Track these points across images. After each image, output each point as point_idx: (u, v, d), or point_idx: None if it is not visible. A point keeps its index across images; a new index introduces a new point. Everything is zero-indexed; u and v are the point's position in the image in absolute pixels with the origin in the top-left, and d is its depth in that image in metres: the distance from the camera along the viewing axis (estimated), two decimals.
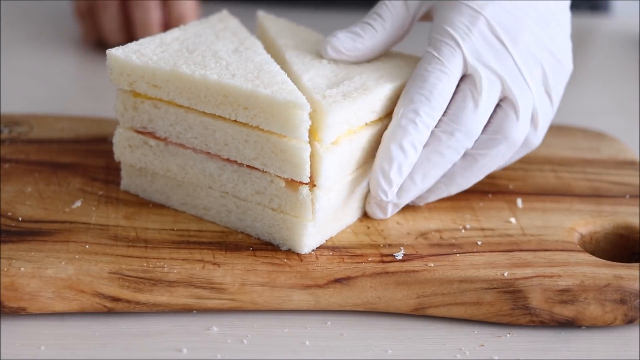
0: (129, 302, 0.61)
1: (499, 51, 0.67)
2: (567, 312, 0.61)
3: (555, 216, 0.70)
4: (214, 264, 0.62)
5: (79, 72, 1.05)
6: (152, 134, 0.68)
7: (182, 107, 0.65)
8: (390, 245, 0.65)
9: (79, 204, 0.69)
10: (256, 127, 0.62)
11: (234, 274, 0.61)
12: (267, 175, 0.63)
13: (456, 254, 0.64)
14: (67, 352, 0.58)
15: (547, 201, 0.73)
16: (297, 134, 0.61)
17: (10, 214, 0.66)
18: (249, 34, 0.71)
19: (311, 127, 0.61)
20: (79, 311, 0.61)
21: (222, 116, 0.63)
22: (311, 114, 0.61)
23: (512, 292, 0.61)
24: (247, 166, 0.64)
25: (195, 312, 0.62)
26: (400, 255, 0.64)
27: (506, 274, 0.62)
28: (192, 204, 0.68)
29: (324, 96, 0.63)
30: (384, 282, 0.62)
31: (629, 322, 0.62)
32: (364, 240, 0.66)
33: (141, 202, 0.70)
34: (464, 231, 0.67)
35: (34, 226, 0.65)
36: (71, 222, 0.66)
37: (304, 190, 0.62)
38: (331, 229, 0.66)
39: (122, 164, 0.70)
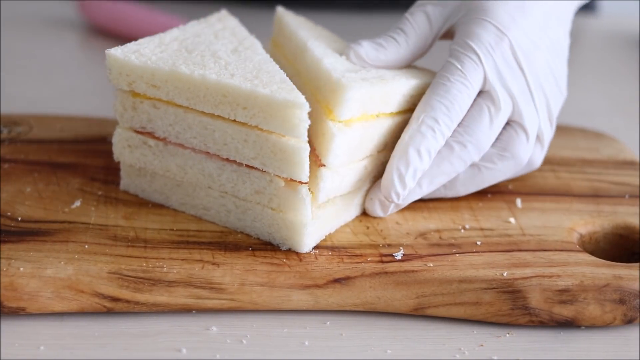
0: (128, 302, 0.61)
1: (515, 73, 0.69)
2: (566, 312, 0.61)
3: (554, 216, 0.70)
4: (213, 264, 0.62)
5: (79, 72, 1.05)
6: (151, 134, 0.68)
7: (181, 107, 0.65)
8: (389, 245, 0.65)
9: (78, 204, 0.69)
10: (255, 127, 0.62)
11: (233, 274, 0.61)
12: (267, 174, 0.63)
13: (455, 254, 0.64)
14: (66, 352, 0.58)
15: (546, 201, 0.73)
16: (296, 133, 0.61)
17: (9, 213, 0.66)
18: (248, 34, 0.72)
19: (326, 105, 0.63)
20: (78, 311, 0.61)
21: (221, 116, 0.63)
22: (328, 92, 0.63)
23: (512, 292, 0.61)
24: (246, 166, 0.64)
25: (194, 312, 0.62)
26: (399, 255, 0.64)
27: (505, 274, 0.62)
28: (192, 203, 0.68)
29: (343, 76, 0.64)
30: (383, 282, 0.62)
31: (629, 322, 0.62)
32: (364, 240, 0.66)
33: (140, 202, 0.70)
34: (463, 231, 0.67)
35: (34, 226, 0.65)
36: (70, 222, 0.66)
37: (303, 189, 0.62)
38: (331, 225, 0.66)
39: (122, 164, 0.70)
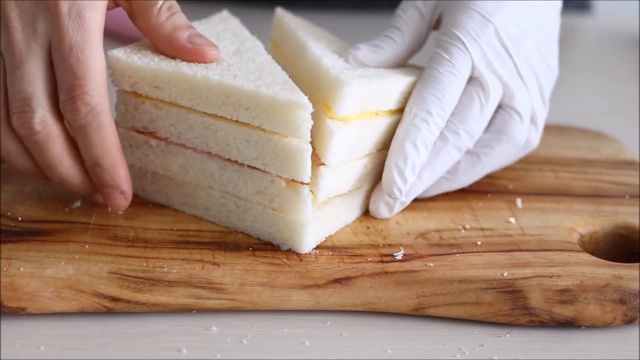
0: (128, 302, 0.61)
1: (503, 58, 0.69)
2: (566, 312, 0.61)
3: (554, 216, 0.70)
4: (214, 264, 0.62)
5: None
6: (152, 134, 0.67)
7: (183, 107, 0.65)
8: (389, 245, 0.65)
9: (78, 204, 0.69)
10: (258, 127, 0.62)
11: (233, 274, 0.61)
12: (268, 175, 0.63)
13: (456, 254, 0.64)
14: (66, 352, 0.58)
15: (546, 201, 0.73)
16: (298, 134, 0.61)
17: (9, 213, 0.66)
18: (250, 35, 0.72)
19: (325, 103, 0.64)
20: (78, 311, 0.61)
21: (224, 116, 0.63)
22: (327, 89, 0.63)
23: (512, 292, 0.61)
24: (247, 166, 0.64)
25: (194, 312, 0.62)
26: (399, 255, 0.64)
27: (506, 274, 0.62)
28: (192, 203, 0.68)
29: (342, 73, 0.65)
30: (383, 282, 0.62)
31: (629, 322, 0.62)
32: (364, 240, 0.66)
33: (141, 202, 0.70)
34: (463, 231, 0.67)
35: (34, 226, 0.65)
36: (71, 222, 0.66)
37: (304, 190, 0.62)
38: (331, 226, 0.66)
39: None
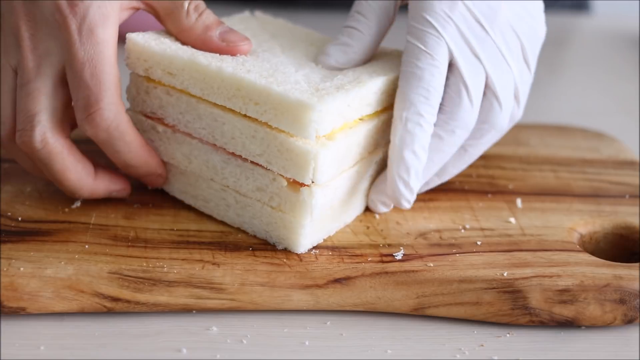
0: (128, 302, 0.61)
1: (478, 35, 0.66)
2: (566, 312, 0.61)
3: (554, 216, 0.70)
4: (214, 264, 0.62)
5: None
6: (161, 120, 0.68)
7: (194, 96, 0.65)
8: (389, 245, 0.65)
9: (78, 204, 0.69)
10: (265, 124, 0.62)
11: (233, 274, 0.61)
12: (270, 173, 0.63)
13: (456, 254, 0.64)
14: (66, 352, 0.58)
15: (546, 201, 0.73)
16: (305, 134, 0.60)
17: (9, 213, 0.66)
18: (269, 37, 0.72)
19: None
20: (78, 311, 0.61)
21: (233, 109, 0.63)
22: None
23: (512, 292, 0.61)
24: (251, 162, 0.64)
25: (194, 312, 0.62)
26: (399, 255, 0.64)
27: (506, 274, 0.62)
28: (192, 193, 0.68)
29: (317, 89, 0.63)
30: (383, 282, 0.62)
31: (629, 322, 0.62)
32: (364, 240, 0.66)
33: (141, 202, 0.70)
34: (463, 231, 0.67)
35: (34, 226, 0.65)
36: (71, 222, 0.66)
37: (305, 191, 0.62)
38: (330, 228, 0.66)
39: None
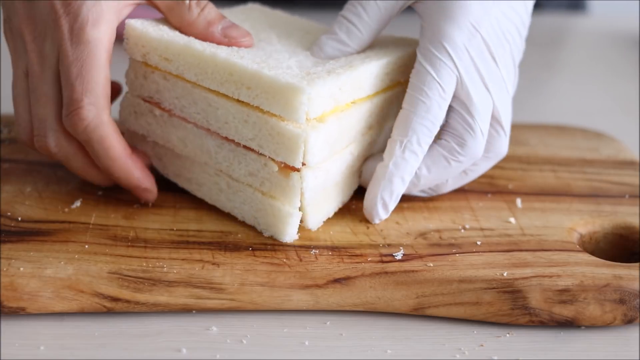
0: (128, 302, 0.61)
1: (490, 67, 0.66)
2: (566, 312, 0.61)
3: (554, 216, 0.70)
4: (214, 264, 0.62)
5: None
6: (157, 104, 0.69)
7: (189, 82, 0.66)
8: (389, 245, 0.65)
9: (78, 204, 0.69)
10: (257, 108, 0.63)
11: (233, 274, 0.61)
12: (262, 157, 0.64)
13: (455, 254, 0.64)
14: (66, 352, 0.58)
15: (546, 201, 0.73)
16: (295, 117, 0.61)
17: (9, 213, 0.66)
18: (267, 27, 0.73)
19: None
20: (78, 311, 0.61)
21: (226, 94, 0.64)
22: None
23: (512, 292, 0.61)
24: (243, 146, 0.65)
25: (194, 312, 0.62)
26: (399, 255, 0.64)
27: (505, 274, 0.62)
28: (187, 176, 0.70)
29: (308, 73, 0.64)
30: (383, 282, 0.62)
31: (629, 322, 0.62)
32: (364, 240, 0.66)
33: (141, 201, 0.70)
34: (463, 231, 0.67)
35: (34, 226, 0.65)
36: (70, 222, 0.66)
37: (295, 176, 0.63)
38: (328, 209, 0.67)
39: (126, 132, 0.72)
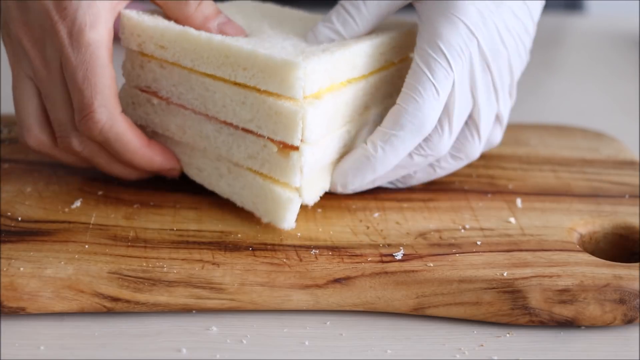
0: (128, 302, 0.61)
1: (480, 72, 0.66)
2: (566, 312, 0.61)
3: (554, 216, 0.70)
4: (214, 264, 0.62)
5: None
6: (155, 93, 0.69)
7: (185, 68, 0.67)
8: (389, 245, 0.65)
9: (78, 203, 0.69)
10: (254, 88, 0.64)
11: (233, 274, 0.61)
12: (261, 139, 0.65)
13: (455, 254, 0.64)
14: (66, 352, 0.58)
15: (546, 201, 0.73)
16: (292, 93, 0.62)
17: (9, 213, 0.66)
18: (260, 18, 0.73)
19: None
20: (78, 311, 0.61)
21: (223, 77, 0.65)
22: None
23: (512, 292, 0.61)
24: (242, 129, 0.66)
25: (194, 312, 0.62)
26: (399, 255, 0.64)
27: (505, 274, 0.62)
28: (187, 162, 0.70)
29: (303, 51, 0.65)
30: (383, 282, 0.62)
31: (629, 322, 0.62)
32: (364, 240, 0.66)
33: (141, 201, 0.70)
34: (463, 231, 0.67)
35: (34, 226, 0.65)
36: (70, 222, 0.66)
37: (294, 155, 0.63)
38: (324, 185, 0.69)
39: None
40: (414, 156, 0.68)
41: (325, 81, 0.65)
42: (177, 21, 0.68)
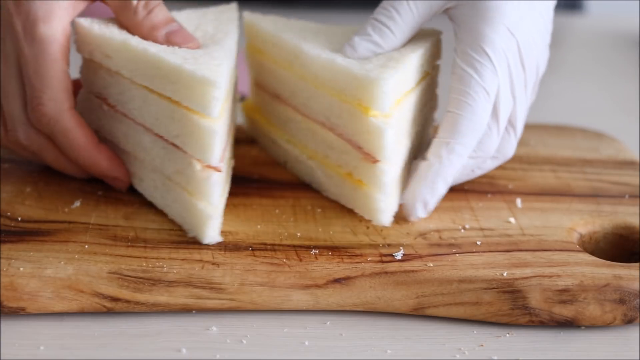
0: (128, 302, 0.61)
1: (519, 72, 0.67)
2: (566, 312, 0.61)
3: (554, 216, 0.70)
4: (213, 264, 0.62)
5: (77, 73, 1.05)
6: (105, 100, 0.70)
7: (126, 78, 0.67)
8: (389, 245, 0.65)
9: (78, 204, 0.69)
10: (178, 103, 0.63)
11: (233, 274, 0.61)
12: (187, 156, 0.64)
13: (455, 254, 0.64)
14: (66, 352, 0.58)
15: (546, 201, 0.73)
16: (208, 112, 0.61)
17: (9, 213, 0.66)
18: (231, 32, 0.71)
19: (359, 103, 0.64)
20: (78, 311, 0.61)
21: (156, 90, 0.65)
22: (358, 89, 0.64)
23: (512, 292, 0.61)
24: (172, 144, 0.65)
25: (194, 312, 0.62)
26: (399, 255, 0.63)
27: (505, 274, 0.62)
28: (132, 171, 0.70)
29: (366, 70, 0.64)
30: (383, 282, 0.62)
31: (629, 322, 0.62)
32: (364, 240, 0.66)
33: (140, 202, 0.70)
34: (463, 231, 0.67)
35: (33, 226, 0.65)
36: (70, 222, 0.66)
37: (214, 175, 0.63)
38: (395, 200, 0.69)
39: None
40: (468, 159, 0.68)
41: (393, 98, 0.64)
42: (127, 29, 0.67)
